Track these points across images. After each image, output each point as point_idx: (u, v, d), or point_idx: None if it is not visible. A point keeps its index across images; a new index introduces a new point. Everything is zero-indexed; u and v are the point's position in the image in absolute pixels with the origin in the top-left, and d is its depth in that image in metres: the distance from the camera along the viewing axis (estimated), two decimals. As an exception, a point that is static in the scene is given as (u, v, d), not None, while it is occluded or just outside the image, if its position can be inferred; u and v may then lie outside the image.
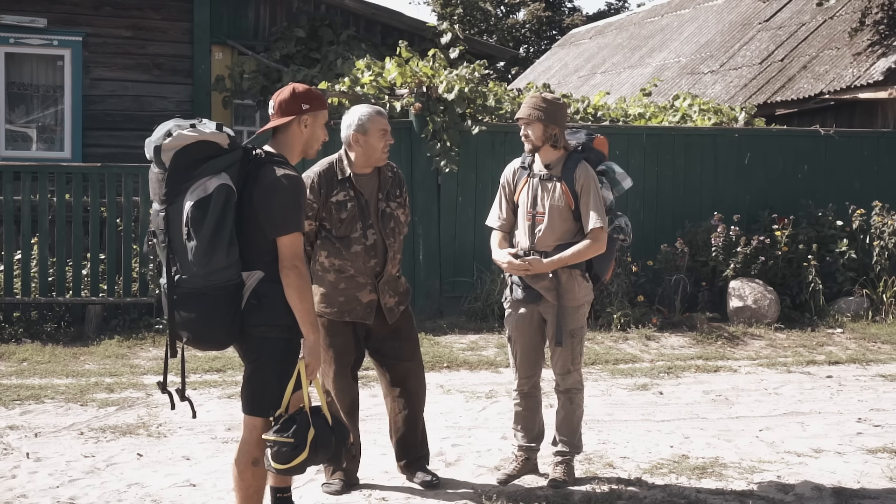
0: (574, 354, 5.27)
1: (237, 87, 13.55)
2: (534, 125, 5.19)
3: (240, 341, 4.13)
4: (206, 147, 3.92)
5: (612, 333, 9.98)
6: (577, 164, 5.18)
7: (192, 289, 3.93)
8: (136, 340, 9.28)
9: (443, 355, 8.94)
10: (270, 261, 4.02)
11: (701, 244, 10.96)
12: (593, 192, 5.13)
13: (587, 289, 5.27)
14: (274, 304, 4.01)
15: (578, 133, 5.38)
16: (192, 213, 3.84)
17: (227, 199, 3.89)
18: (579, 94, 19.44)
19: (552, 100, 5.22)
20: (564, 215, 5.18)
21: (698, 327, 10.21)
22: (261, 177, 4.02)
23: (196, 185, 3.87)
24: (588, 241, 5.14)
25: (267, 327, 4.04)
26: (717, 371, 8.67)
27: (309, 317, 4.03)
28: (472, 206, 10.79)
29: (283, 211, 3.99)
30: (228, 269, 3.94)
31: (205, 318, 3.96)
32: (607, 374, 8.47)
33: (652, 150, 11.48)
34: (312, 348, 4.06)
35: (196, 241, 3.85)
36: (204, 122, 3.99)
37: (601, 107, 12.40)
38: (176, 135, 3.88)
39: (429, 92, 10.56)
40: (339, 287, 5.07)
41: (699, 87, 16.68)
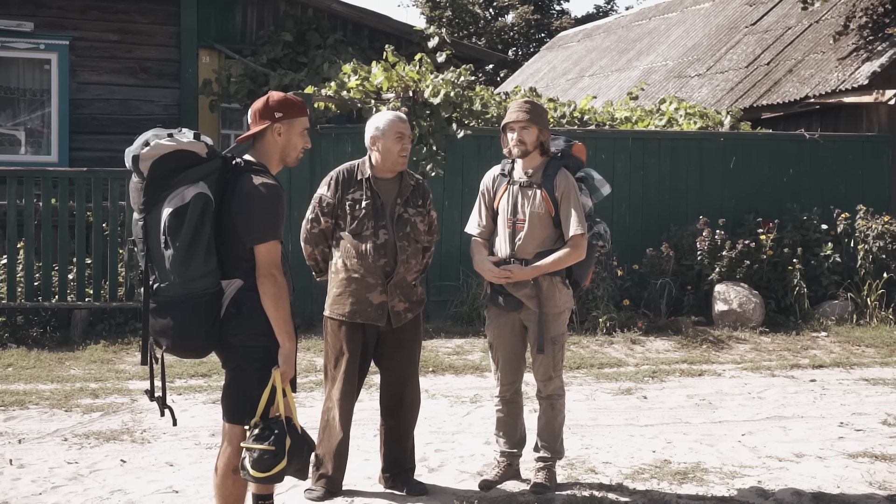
0: (555, 361, 5.30)
1: (224, 90, 13.54)
2: (529, 129, 5.21)
3: (219, 349, 4.15)
4: (184, 156, 3.93)
5: (597, 337, 10.01)
6: (557, 172, 5.21)
7: (171, 297, 3.95)
8: (122, 345, 9.27)
9: (428, 359, 8.95)
10: (249, 269, 4.04)
11: (686, 248, 11.00)
12: (573, 199, 5.16)
13: (568, 295, 5.30)
14: (253, 312, 4.03)
15: (557, 140, 5.41)
16: (170, 222, 3.87)
17: (205, 207, 3.91)
18: (567, 97, 19.51)
19: (538, 104, 5.26)
20: (545, 222, 5.21)
21: (683, 331, 10.24)
22: (239, 185, 4.04)
23: (174, 194, 3.89)
24: (568, 248, 5.17)
25: (246, 335, 4.06)
26: (702, 375, 8.70)
27: (284, 325, 4.04)
28: (459, 209, 10.81)
29: (261, 219, 4.00)
30: (206, 278, 3.95)
31: (183, 325, 3.97)
32: (592, 378, 8.49)
33: (638, 155, 11.51)
34: (287, 356, 4.07)
35: (173, 250, 3.87)
36: (182, 132, 4.01)
37: (588, 111, 12.43)
38: (153, 144, 3.89)
39: (415, 96, 10.58)
40: (349, 288, 5.13)
41: (686, 91, 16.73)
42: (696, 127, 12.22)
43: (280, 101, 4.24)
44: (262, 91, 13.34)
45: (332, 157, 10.45)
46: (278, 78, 12.92)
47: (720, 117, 12.53)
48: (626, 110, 12.88)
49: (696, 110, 12.67)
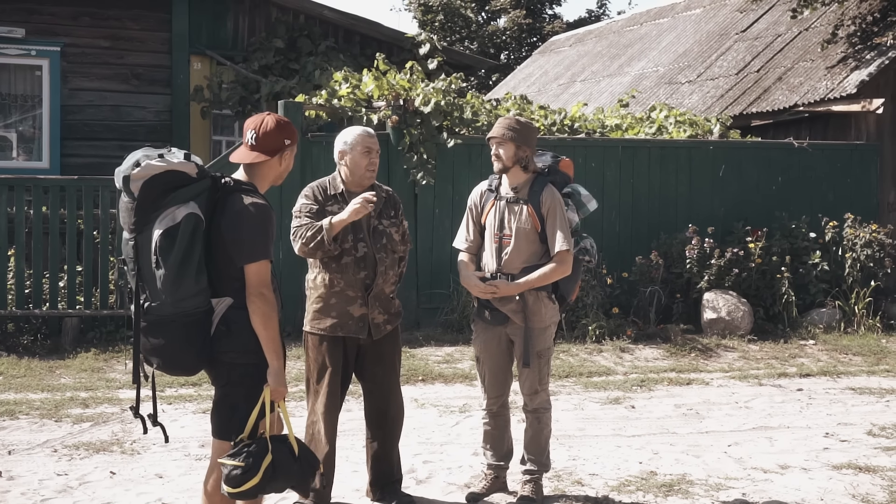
0: (541, 375, 5.34)
1: (216, 97, 13.59)
2: (506, 145, 5.25)
3: (209, 366, 4.17)
4: (174, 177, 3.94)
5: (586, 345, 10.06)
6: (544, 188, 5.26)
7: (161, 316, 3.97)
8: (113, 353, 9.29)
9: (418, 368, 8.99)
10: (239, 287, 4.06)
11: (676, 256, 11.05)
12: (559, 215, 5.21)
13: (553, 310, 5.35)
14: (243, 330, 4.06)
15: (544, 155, 5.45)
16: (161, 242, 3.89)
17: (196, 227, 3.94)
18: (559, 103, 19.59)
19: (525, 122, 5.29)
20: (531, 238, 5.25)
21: (672, 339, 10.30)
22: (229, 205, 4.06)
23: (164, 214, 3.91)
24: (554, 263, 5.21)
25: (236, 353, 4.08)
26: (690, 384, 8.75)
27: (273, 344, 4.07)
28: (449, 217, 10.85)
29: (251, 239, 4.03)
30: (197, 297, 3.98)
31: (174, 344, 4.01)
32: (580, 387, 8.53)
33: (627, 163, 11.56)
34: (277, 375, 4.10)
35: (164, 270, 3.90)
36: (172, 152, 4.03)
37: (578, 118, 12.47)
38: (144, 165, 3.91)
39: (405, 105, 10.62)
40: (330, 302, 5.17)
41: (677, 97, 16.80)
42: (685, 135, 12.28)
43: (288, 127, 4.26)
44: (253, 98, 13.41)
45: (323, 165, 10.49)
46: (270, 85, 12.96)
47: (710, 125, 12.59)
48: (616, 118, 12.92)
49: (686, 118, 12.72)
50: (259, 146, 4.21)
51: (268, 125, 4.22)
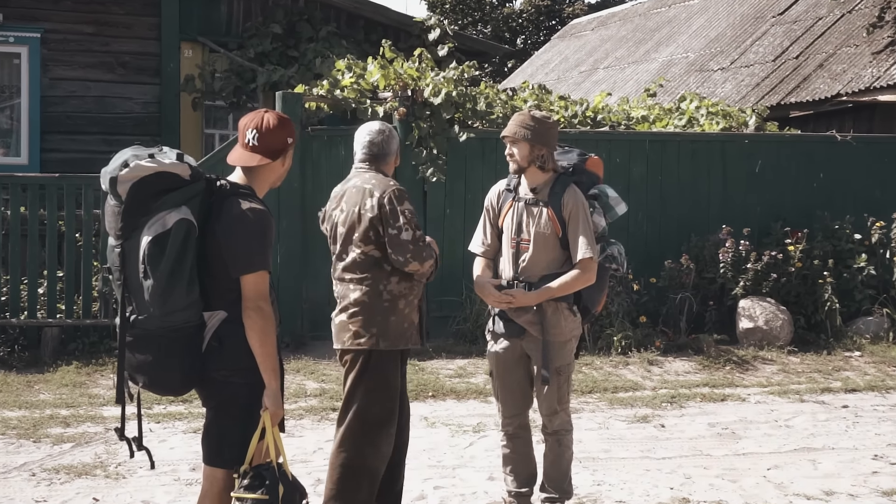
0: (561, 393, 5.26)
1: (208, 87, 13.56)
2: (519, 144, 5.20)
3: (200, 386, 4.14)
4: (165, 179, 3.91)
5: (611, 357, 10.00)
6: (566, 189, 5.19)
7: (149, 330, 3.94)
8: (96, 366, 9.26)
9: (428, 383, 8.94)
10: (234, 300, 4.03)
11: (708, 260, 10.98)
12: (582, 218, 5.13)
13: (575, 323, 5.27)
14: (237, 346, 4.02)
15: (570, 153, 5.38)
16: (150, 250, 3.86)
17: (188, 234, 3.90)
18: (580, 92, 19.54)
19: (541, 118, 5.22)
20: (551, 243, 5.19)
21: (705, 350, 10.23)
22: (225, 210, 4.02)
23: (154, 220, 3.88)
24: (576, 271, 5.14)
25: (229, 371, 4.05)
26: (724, 400, 8.69)
27: (270, 362, 4.04)
28: (461, 218, 10.80)
29: (248, 247, 4.00)
30: (188, 310, 3.95)
31: (162, 361, 3.97)
32: (605, 403, 8.48)
33: (655, 158, 11.49)
34: (275, 396, 4.06)
35: (153, 280, 3.87)
36: (164, 151, 3.99)
37: (601, 109, 12.41)
38: (133, 165, 3.87)
39: (414, 96, 10.58)
40: (405, 312, 5.16)
41: (708, 86, 16.72)
42: (718, 127, 12.20)
43: (289, 124, 4.24)
44: (248, 88, 13.37)
45: (324, 162, 10.48)
46: (267, 74, 12.93)
47: (745, 117, 12.50)
48: (643, 109, 12.86)
49: (719, 109, 12.64)
50: (261, 147, 4.17)
51: (270, 123, 4.19)
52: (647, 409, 8.29)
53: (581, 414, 8.05)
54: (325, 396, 8.43)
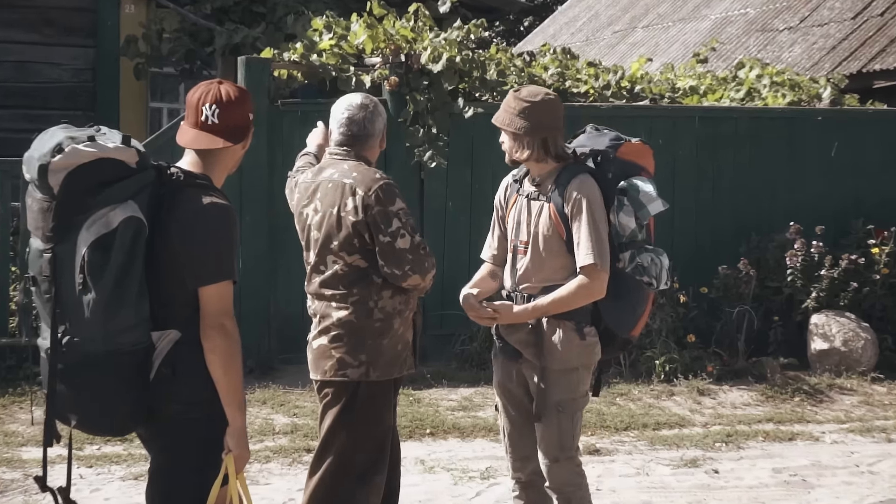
0: (562, 436, 5.18)
1: (155, 51, 13.54)
2: (507, 134, 5.20)
3: (146, 424, 4.12)
4: (108, 167, 3.89)
5: (652, 386, 9.99)
6: (573, 179, 5.12)
7: (87, 355, 3.91)
8: (14, 397, 9.24)
9: (425, 417, 8.92)
10: (189, 317, 4.03)
11: (773, 265, 10.98)
12: (586, 214, 5.05)
13: (585, 349, 5.16)
14: (194, 374, 4.02)
15: (602, 136, 5.31)
16: (91, 256, 3.84)
17: (137, 235, 3.89)
18: (614, 57, 19.54)
19: (528, 98, 5.12)
20: (553, 247, 5.13)
21: (769, 377, 10.23)
22: (180, 206, 4.01)
23: (95, 218, 3.86)
24: (576, 282, 5.08)
25: (183, 405, 4.05)
26: (793, 440, 8.70)
27: (235, 393, 4.03)
28: (467, 213, 10.78)
29: (210, 252, 4.01)
30: (136, 330, 3.94)
31: (102, 394, 3.96)
32: (645, 443, 8.47)
33: (707, 139, 11.47)
34: (240, 435, 4.07)
35: (95, 293, 3.84)
36: (104, 133, 3.98)
37: (640, 78, 12.39)
38: (69, 150, 3.84)
39: (409, 62, 10.56)
40: (399, 333, 5.18)
41: (772, 50, 16.70)
42: (785, 101, 12.19)
43: (249, 98, 4.26)
44: (204, 52, 13.35)
45: (298, 143, 10.24)
46: (227, 35, 12.91)
47: (817, 88, 12.50)
48: (691, 77, 12.85)
49: (786, 78, 12.64)
50: (223, 126, 4.16)
51: (231, 95, 4.19)
52: (697, 451, 8.26)
53: (615, 456, 8.02)
54: (297, 434, 8.41)
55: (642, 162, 5.33)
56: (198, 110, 4.18)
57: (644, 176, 5.27)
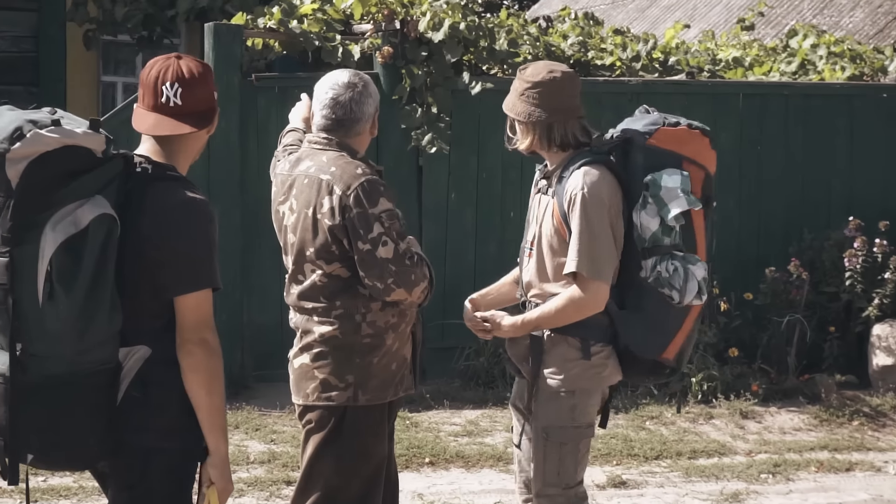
0: (546, 467, 5.21)
1: (107, 16, 13.56)
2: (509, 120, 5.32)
3: (112, 456, 4.11)
4: (74, 155, 3.87)
5: (688, 408, 10.02)
6: (575, 170, 5.18)
7: (48, 377, 3.89)
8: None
9: (424, 444, 8.97)
10: (160, 331, 4.04)
11: (828, 267, 11.03)
12: (580, 213, 5.02)
13: (588, 371, 5.15)
14: (168, 397, 4.04)
15: (641, 119, 5.31)
16: (60, 261, 3.80)
17: (109, 236, 3.88)
18: (645, 23, 19.59)
19: (543, 79, 5.15)
20: (557, 248, 5.16)
21: (823, 397, 10.28)
22: (152, 202, 4.02)
23: (60, 216, 3.82)
24: (567, 293, 5.13)
25: (156, 434, 4.05)
26: (851, 470, 8.75)
27: (220, 418, 4.07)
28: (472, 205, 10.85)
29: (190, 256, 4.03)
30: (106, 345, 3.94)
31: (66, 423, 3.93)
32: (679, 474, 8.52)
33: (753, 119, 11.51)
34: (225, 466, 4.10)
35: (66, 304, 3.82)
36: (64, 116, 3.94)
37: (675, 49, 12.44)
38: (32, 136, 3.79)
39: (405, 29, 10.57)
40: (392, 350, 5.21)
41: (830, 14, 16.76)
42: (844, 75, 12.23)
43: (212, 73, 4.27)
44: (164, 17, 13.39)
45: (275, 124, 10.41)
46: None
47: (883, 60, 12.54)
48: (735, 47, 12.90)
49: (845, 48, 12.68)
50: (186, 108, 4.15)
51: (193, 72, 4.18)
52: (740, 483, 8.31)
53: (644, 490, 8.08)
54: (275, 464, 8.47)
55: (685, 150, 5.25)
56: (156, 90, 4.16)
57: (686, 167, 5.21)
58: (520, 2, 28.31)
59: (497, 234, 10.92)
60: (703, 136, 5.31)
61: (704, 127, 5.34)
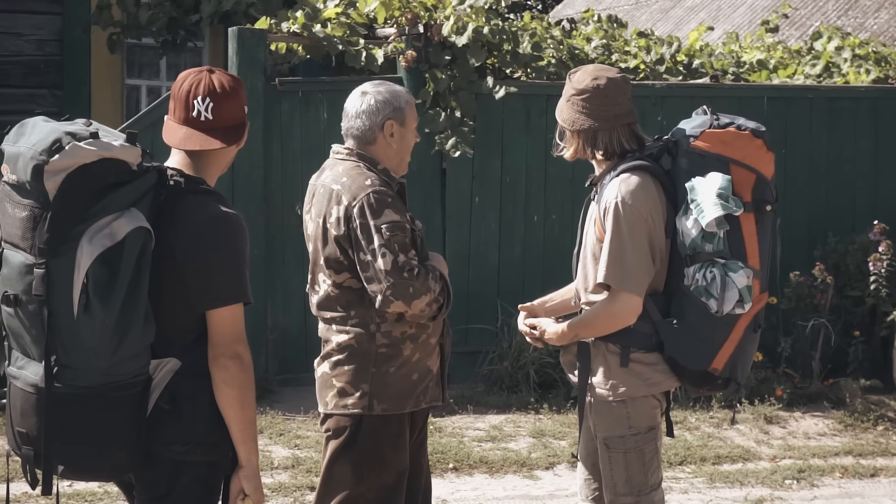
0: (615, 478, 5.22)
1: (132, 19, 13.61)
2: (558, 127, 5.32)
3: (141, 467, 4.12)
4: (111, 168, 3.88)
5: (711, 413, 10.03)
6: (614, 177, 5.17)
7: (82, 388, 3.91)
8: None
9: (448, 449, 8.98)
10: (191, 344, 4.07)
11: (853, 271, 11.01)
12: (613, 222, 5.00)
13: (629, 378, 5.10)
14: (197, 410, 4.07)
15: (694, 120, 5.27)
16: (96, 273, 3.82)
17: (144, 249, 3.90)
18: (669, 25, 19.55)
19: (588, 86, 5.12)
20: (598, 258, 5.21)
21: (848, 402, 10.26)
22: (184, 215, 4.04)
23: (96, 229, 3.84)
24: (601, 302, 5.13)
25: (185, 445, 4.08)
26: (876, 476, 8.72)
27: (251, 431, 4.09)
28: (496, 209, 10.86)
29: (220, 270, 4.04)
30: (139, 358, 3.96)
31: (97, 434, 3.95)
32: (703, 480, 8.51)
33: (777, 122, 11.47)
34: (255, 478, 4.13)
35: (103, 316, 3.83)
36: (101, 128, 3.96)
37: (699, 51, 12.43)
38: (71, 148, 3.81)
39: (428, 33, 10.59)
40: (412, 360, 5.24)
41: (854, 15, 16.71)
42: (869, 78, 12.19)
43: (243, 87, 4.28)
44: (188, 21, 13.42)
45: (300, 129, 10.52)
46: (215, 1, 12.95)
47: (907, 62, 12.51)
48: (759, 50, 12.87)
49: (870, 51, 12.63)
50: (217, 123, 4.18)
51: (226, 86, 4.20)
52: (764, 490, 8.31)
53: (668, 496, 8.04)
54: (299, 469, 8.47)
55: (731, 152, 5.14)
56: (188, 104, 4.17)
57: (733, 171, 5.10)
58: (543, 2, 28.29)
59: (520, 238, 10.94)
60: (755, 138, 5.17)
61: (757, 127, 5.20)
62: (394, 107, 5.26)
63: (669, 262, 5.13)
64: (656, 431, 5.25)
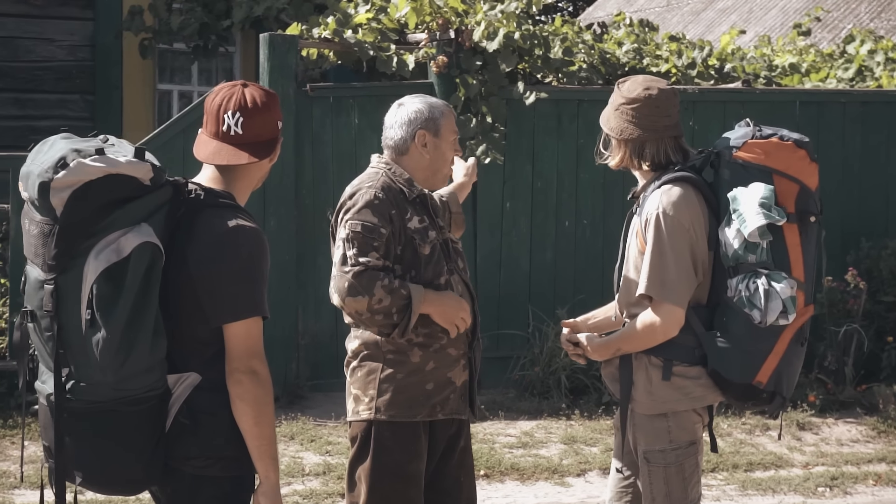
0: (654, 493, 5.20)
1: (163, 24, 13.64)
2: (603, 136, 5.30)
3: (161, 482, 4.14)
4: (118, 184, 3.89)
5: (743, 420, 10.00)
6: (656, 189, 5.16)
7: (94, 403, 3.94)
8: (5, 430, 9.34)
9: (479, 456, 8.95)
10: (211, 358, 4.06)
11: (886, 276, 10.98)
12: (654, 234, 4.99)
13: (671, 392, 5.08)
14: (217, 424, 4.06)
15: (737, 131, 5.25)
16: (101, 288, 3.84)
17: (152, 264, 3.90)
18: (700, 28, 19.52)
19: (637, 96, 5.11)
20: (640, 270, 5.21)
21: (881, 409, 10.23)
22: (200, 230, 4.04)
23: (104, 244, 3.86)
24: (643, 315, 5.09)
25: (205, 460, 4.08)
26: (910, 484, 8.70)
27: (269, 446, 4.07)
28: (527, 215, 10.86)
29: (237, 284, 4.03)
30: (151, 373, 3.96)
31: (112, 448, 3.98)
32: (735, 487, 8.50)
33: (810, 126, 11.39)
34: (276, 494, 4.10)
35: (105, 331, 3.84)
36: (112, 143, 3.99)
37: (731, 55, 12.41)
38: (75, 166, 3.83)
39: (459, 38, 10.59)
40: (425, 369, 5.22)
41: (888, 18, 16.65)
42: (903, 82, 12.18)
43: (277, 101, 4.26)
44: (220, 27, 13.45)
45: (331, 135, 10.54)
46: (247, 6, 12.99)
47: (942, 66, 12.47)
48: (791, 54, 12.85)
49: (904, 54, 12.63)
50: (248, 136, 4.17)
51: (258, 100, 4.18)
52: (797, 497, 8.28)
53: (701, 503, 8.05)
54: (331, 476, 8.47)
55: (773, 163, 5.08)
56: (219, 118, 4.17)
57: (776, 181, 5.04)
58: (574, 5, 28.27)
59: (552, 243, 10.93)
60: (798, 148, 5.10)
61: (801, 138, 5.14)
62: (426, 117, 5.26)
63: (713, 275, 5.09)
64: (697, 446, 5.19)
